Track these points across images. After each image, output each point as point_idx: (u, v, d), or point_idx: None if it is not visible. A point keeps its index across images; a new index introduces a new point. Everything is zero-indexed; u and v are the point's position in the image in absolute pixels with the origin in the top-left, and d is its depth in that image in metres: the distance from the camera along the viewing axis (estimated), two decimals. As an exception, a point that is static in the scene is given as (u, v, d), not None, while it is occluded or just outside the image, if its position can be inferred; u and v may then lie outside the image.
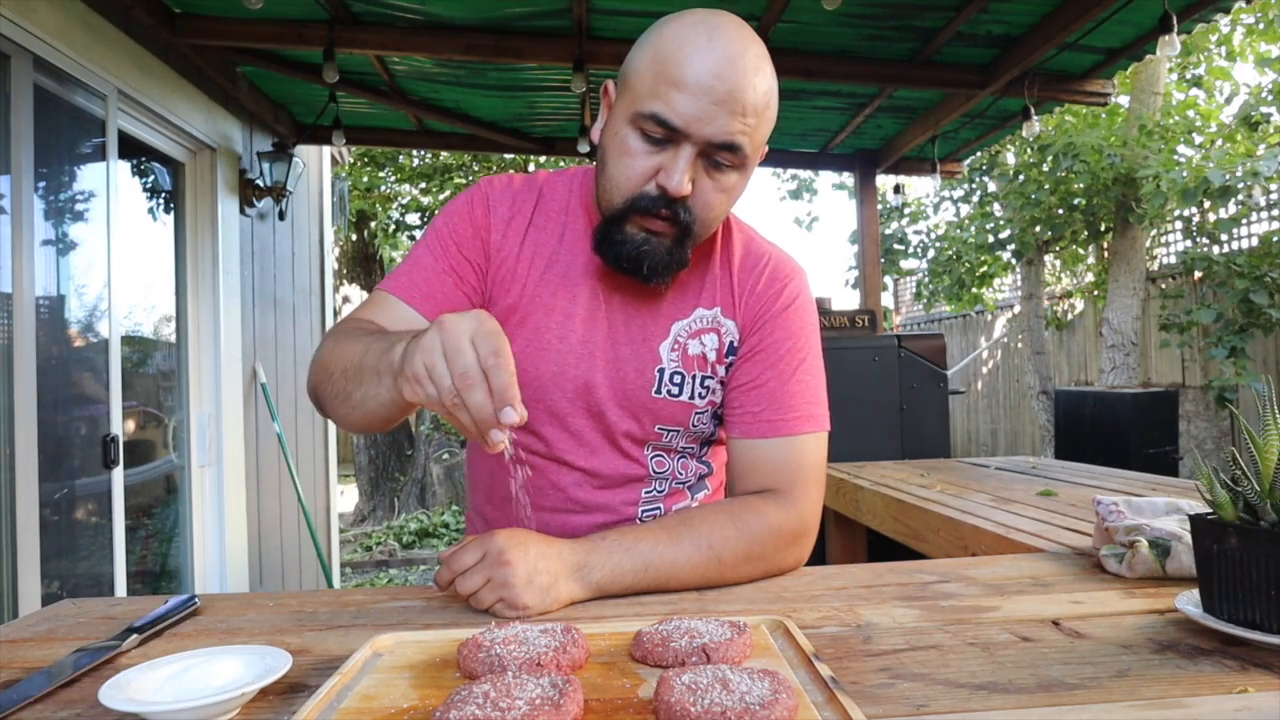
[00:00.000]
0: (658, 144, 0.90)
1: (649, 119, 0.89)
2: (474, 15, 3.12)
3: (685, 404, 1.04)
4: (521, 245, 1.04)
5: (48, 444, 2.36)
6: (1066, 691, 0.61)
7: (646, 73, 0.90)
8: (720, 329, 1.05)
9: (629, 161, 0.92)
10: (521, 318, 1.02)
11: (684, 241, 0.95)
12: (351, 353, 0.85)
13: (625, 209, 0.93)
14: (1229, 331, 4.85)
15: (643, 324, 1.03)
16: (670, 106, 0.87)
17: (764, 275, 1.06)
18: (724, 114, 0.87)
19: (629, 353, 1.02)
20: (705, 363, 1.04)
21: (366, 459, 8.03)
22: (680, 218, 0.92)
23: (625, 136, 0.92)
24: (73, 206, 2.71)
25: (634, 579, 0.88)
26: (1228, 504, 0.73)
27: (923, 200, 9.06)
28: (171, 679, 0.62)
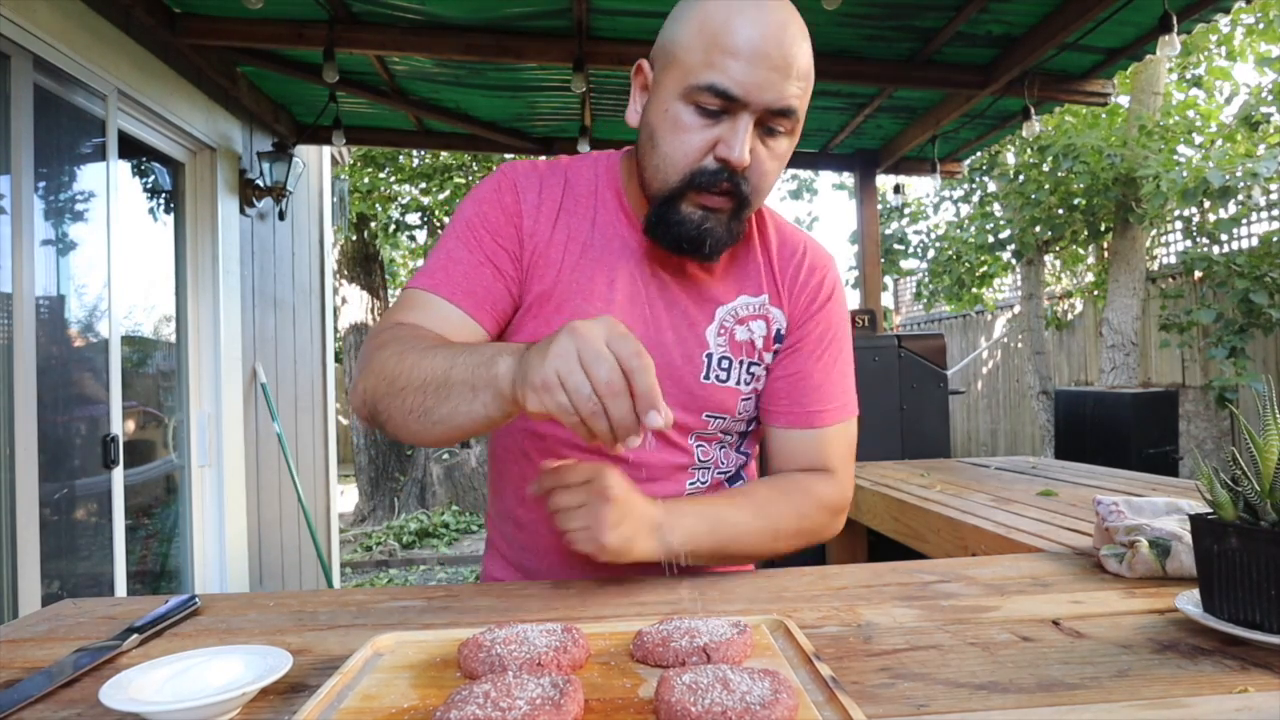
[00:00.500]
0: (713, 116, 0.89)
1: (705, 90, 0.87)
2: (474, 15, 3.12)
3: (732, 390, 1.03)
4: (554, 229, 1.01)
5: (48, 444, 2.36)
6: (1066, 691, 0.61)
7: (695, 45, 0.88)
8: (769, 317, 1.05)
9: (685, 137, 0.90)
10: (558, 304, 0.99)
11: (740, 214, 0.95)
12: (429, 366, 0.80)
13: (683, 186, 0.91)
14: (1229, 331, 4.85)
15: (685, 310, 1.01)
16: (728, 75, 0.86)
17: (804, 265, 1.07)
18: (780, 79, 0.87)
19: (673, 338, 1.01)
20: (753, 349, 1.04)
21: (366, 459, 8.03)
22: (740, 190, 0.92)
23: (678, 112, 0.90)
24: (73, 206, 2.71)
25: (703, 542, 0.92)
26: (1228, 504, 0.73)
27: (923, 200, 9.07)
28: (172, 679, 0.62)
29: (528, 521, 1.07)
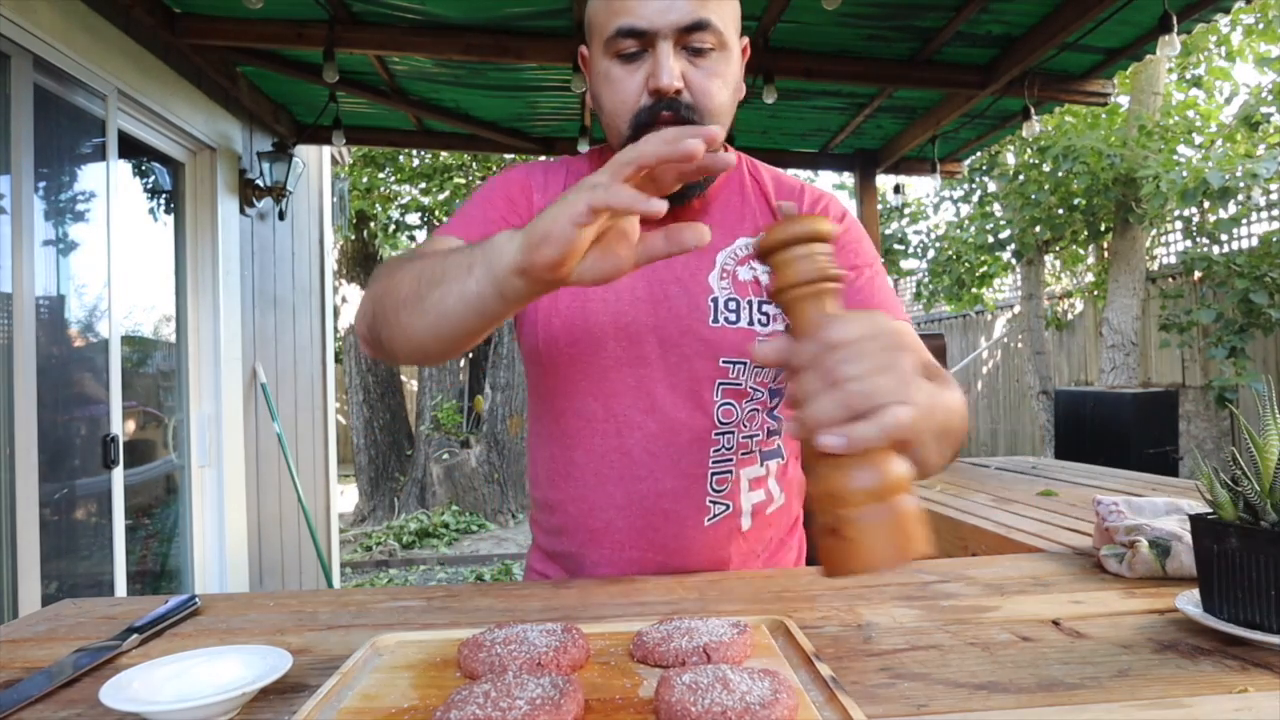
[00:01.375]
0: (635, 59, 0.93)
1: (616, 37, 0.92)
2: (474, 15, 3.12)
3: (746, 330, 1.00)
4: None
5: (48, 444, 2.36)
6: (1066, 691, 0.61)
7: (599, 7, 0.95)
8: None
9: (619, 87, 0.94)
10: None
11: None
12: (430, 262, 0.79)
13: (634, 132, 0.93)
14: (1229, 331, 4.85)
15: (685, 261, 1.01)
16: (628, 13, 0.91)
17: (806, 198, 1.08)
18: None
19: (677, 290, 1.01)
20: (759, 287, 1.02)
21: (366, 459, 8.03)
22: (683, 115, 0.92)
23: (606, 69, 0.95)
24: (73, 206, 2.71)
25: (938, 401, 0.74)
26: (1228, 504, 0.73)
27: (923, 200, 9.07)
28: (172, 679, 0.63)
29: (557, 502, 1.08)
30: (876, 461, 0.57)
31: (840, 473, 0.57)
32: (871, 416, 0.55)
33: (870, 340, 0.56)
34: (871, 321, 0.58)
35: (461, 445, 7.91)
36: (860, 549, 0.57)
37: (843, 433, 0.55)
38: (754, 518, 1.05)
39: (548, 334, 1.02)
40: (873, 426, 0.55)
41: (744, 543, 1.05)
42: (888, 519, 0.57)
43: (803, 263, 0.59)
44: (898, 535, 0.57)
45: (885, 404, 0.55)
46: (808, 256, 0.60)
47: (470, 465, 7.67)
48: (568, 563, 1.09)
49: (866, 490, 0.57)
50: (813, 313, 0.60)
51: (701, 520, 1.02)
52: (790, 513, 1.13)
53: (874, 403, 0.55)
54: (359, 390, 8.16)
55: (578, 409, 1.03)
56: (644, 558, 1.03)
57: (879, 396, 0.55)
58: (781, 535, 1.12)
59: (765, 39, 3.32)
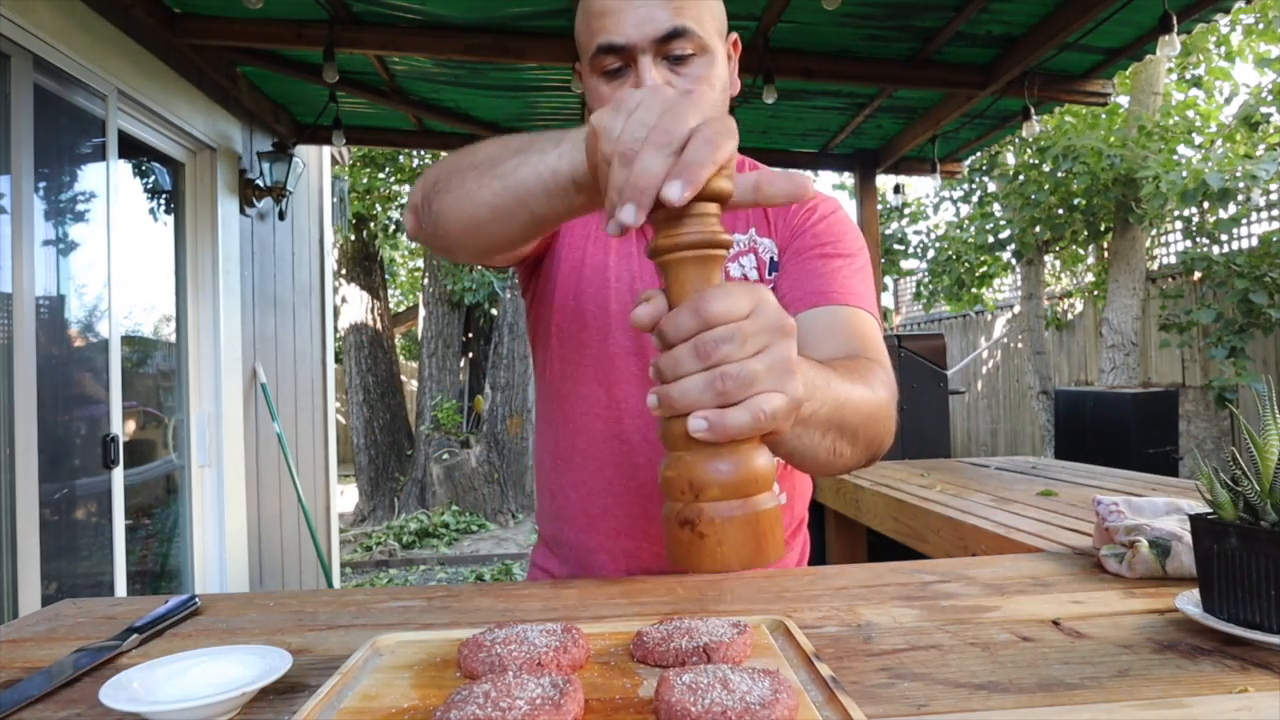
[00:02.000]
0: (620, 74, 0.95)
1: (599, 54, 0.94)
2: (474, 15, 3.12)
3: None
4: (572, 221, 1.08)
5: (48, 444, 2.36)
6: (1066, 691, 0.61)
7: (582, 27, 0.98)
8: (757, 248, 1.05)
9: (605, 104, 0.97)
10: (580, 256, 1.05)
11: None
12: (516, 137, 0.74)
13: None
14: (1229, 331, 4.85)
15: None
16: (608, 32, 0.93)
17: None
18: (654, 9, 0.91)
19: None
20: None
21: (366, 459, 8.03)
22: None
23: (595, 87, 0.97)
24: (73, 206, 2.71)
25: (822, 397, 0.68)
26: (1228, 504, 0.73)
27: (923, 200, 9.07)
28: (172, 679, 0.63)
29: (559, 488, 1.10)
30: (741, 452, 0.53)
31: (702, 461, 0.53)
32: (744, 404, 0.51)
33: (753, 320, 0.52)
34: (756, 297, 0.54)
35: (461, 445, 7.91)
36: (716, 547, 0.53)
37: (711, 418, 0.51)
38: None
39: (561, 317, 1.06)
40: (744, 414, 0.51)
41: None
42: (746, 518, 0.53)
43: (693, 221, 0.53)
44: (755, 536, 0.53)
45: (760, 391, 0.52)
46: (699, 216, 0.53)
47: (470, 465, 7.67)
48: (567, 551, 1.11)
49: (728, 483, 0.53)
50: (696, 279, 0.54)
51: None
52: (793, 514, 1.13)
53: (748, 389, 0.51)
54: (359, 390, 8.16)
55: (582, 393, 1.05)
56: (639, 547, 1.04)
57: (754, 383, 0.51)
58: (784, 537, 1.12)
59: (765, 39, 3.32)
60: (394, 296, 13.20)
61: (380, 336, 8.33)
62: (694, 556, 0.54)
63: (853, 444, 0.78)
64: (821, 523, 3.34)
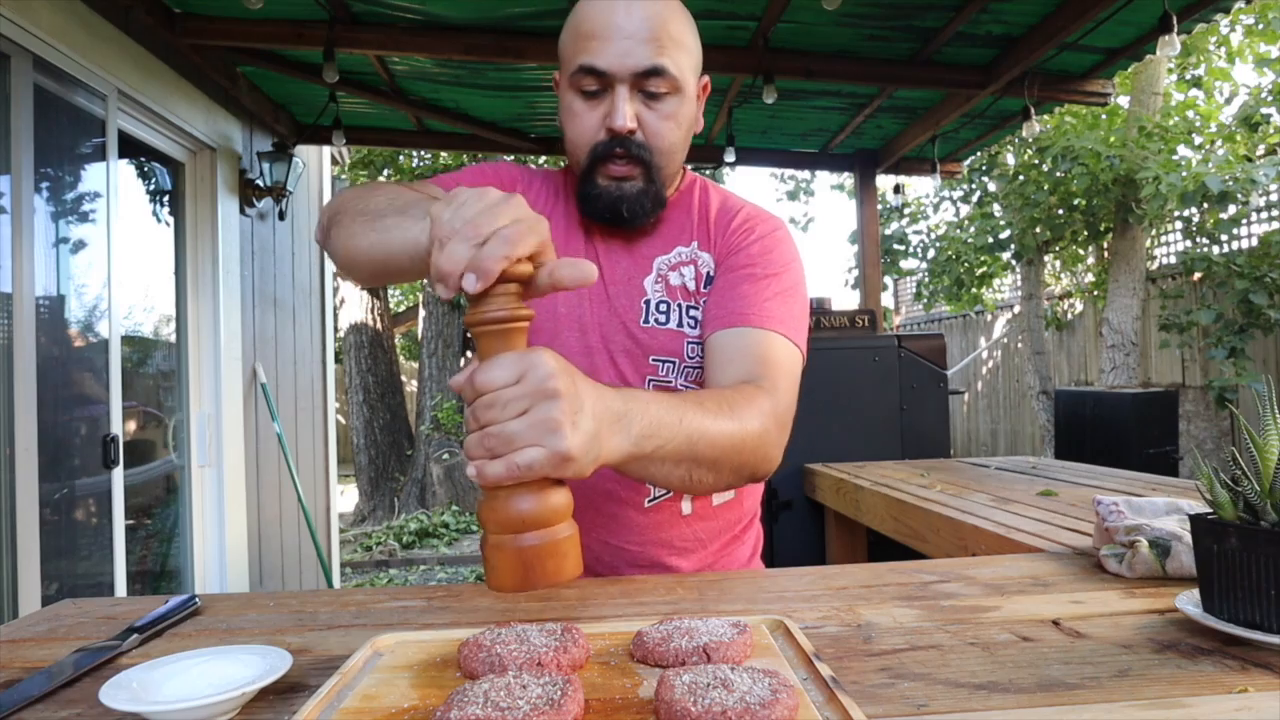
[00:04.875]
0: (596, 96, 1.00)
1: (579, 73, 0.99)
2: (474, 15, 3.12)
3: (675, 332, 1.07)
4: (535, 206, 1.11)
5: (48, 444, 2.36)
6: (1066, 691, 0.61)
7: (569, 40, 1.02)
8: (697, 260, 1.10)
9: (579, 120, 1.02)
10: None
11: (651, 177, 1.03)
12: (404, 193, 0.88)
13: (590, 162, 1.03)
14: (1229, 332, 4.85)
15: (627, 266, 1.10)
16: (591, 54, 0.98)
17: (738, 216, 1.13)
18: (637, 44, 0.97)
19: (617, 290, 1.09)
20: (688, 293, 1.09)
21: (366, 459, 8.03)
22: (635, 153, 1.01)
23: (570, 102, 1.03)
24: (73, 206, 2.71)
25: (670, 434, 0.77)
26: (1228, 504, 0.73)
27: (923, 200, 9.06)
28: (172, 679, 0.63)
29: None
30: (519, 495, 0.63)
31: (489, 501, 0.64)
32: (502, 458, 0.61)
33: (519, 386, 0.62)
34: (525, 365, 0.62)
35: (461, 445, 7.90)
36: (495, 573, 0.64)
37: (478, 468, 0.62)
38: (694, 503, 1.09)
39: None
40: (499, 466, 0.62)
41: (686, 528, 1.09)
42: (509, 550, 0.63)
43: (493, 300, 0.63)
44: (521, 566, 0.63)
45: (518, 447, 0.61)
46: (500, 296, 0.63)
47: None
48: None
49: (500, 520, 0.63)
50: (497, 347, 0.64)
51: (642, 501, 1.07)
52: (741, 508, 1.15)
53: (509, 446, 0.61)
54: (359, 390, 8.16)
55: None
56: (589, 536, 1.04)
57: (513, 441, 0.61)
58: (735, 531, 1.15)
59: (765, 39, 3.32)
60: (394, 296, 13.21)
61: (380, 336, 8.34)
62: (488, 581, 0.66)
63: (714, 472, 0.86)
64: (821, 523, 3.34)
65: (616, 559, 1.07)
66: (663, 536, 1.08)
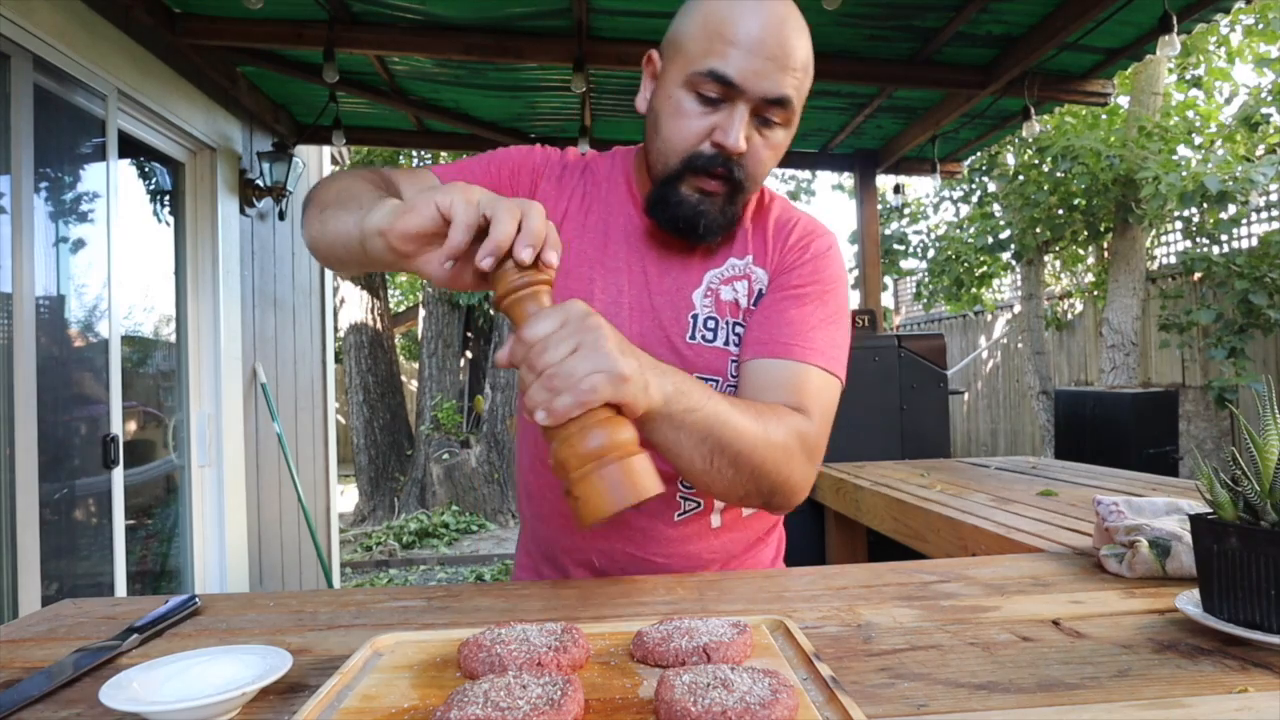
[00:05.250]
0: (712, 104, 0.93)
1: (705, 77, 0.92)
2: (474, 15, 3.12)
3: (721, 350, 1.03)
4: (569, 200, 1.08)
5: (48, 444, 2.36)
6: (1066, 691, 0.61)
7: (699, 34, 0.93)
8: (751, 276, 1.06)
9: (685, 122, 0.95)
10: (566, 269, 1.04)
11: (735, 199, 0.99)
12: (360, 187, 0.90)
13: (681, 169, 0.96)
14: (1228, 332, 4.85)
15: (675, 276, 1.04)
16: (727, 62, 0.91)
17: (795, 229, 1.08)
18: (776, 69, 0.91)
19: (663, 301, 1.03)
20: (737, 309, 1.04)
21: (366, 459, 8.03)
22: (734, 175, 0.96)
23: (679, 99, 0.95)
24: (73, 206, 2.71)
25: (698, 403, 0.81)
26: (1228, 504, 0.73)
27: (923, 200, 9.07)
28: (172, 679, 0.63)
29: (536, 489, 1.10)
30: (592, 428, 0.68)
31: (564, 444, 0.68)
32: (569, 389, 0.67)
33: (561, 329, 0.69)
34: (563, 312, 0.70)
35: (461, 445, 7.91)
36: (586, 502, 0.67)
37: (546, 407, 0.68)
38: (724, 516, 1.07)
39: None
40: (567, 397, 0.67)
41: (715, 540, 1.07)
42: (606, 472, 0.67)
43: (509, 273, 0.70)
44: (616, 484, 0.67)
45: (579, 376, 0.67)
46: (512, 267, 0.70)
47: (470, 465, 7.67)
48: (547, 548, 1.11)
49: (584, 454, 0.67)
50: (519, 314, 0.71)
51: (671, 515, 1.04)
52: (767, 518, 1.14)
53: (570, 378, 0.67)
54: (359, 390, 8.16)
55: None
56: (614, 548, 1.05)
57: (574, 373, 0.67)
58: (759, 535, 1.13)
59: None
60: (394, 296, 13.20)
61: (380, 336, 8.33)
62: (580, 516, 0.68)
63: (734, 468, 0.86)
64: (821, 523, 3.34)
65: (642, 571, 1.05)
66: (691, 550, 1.05)
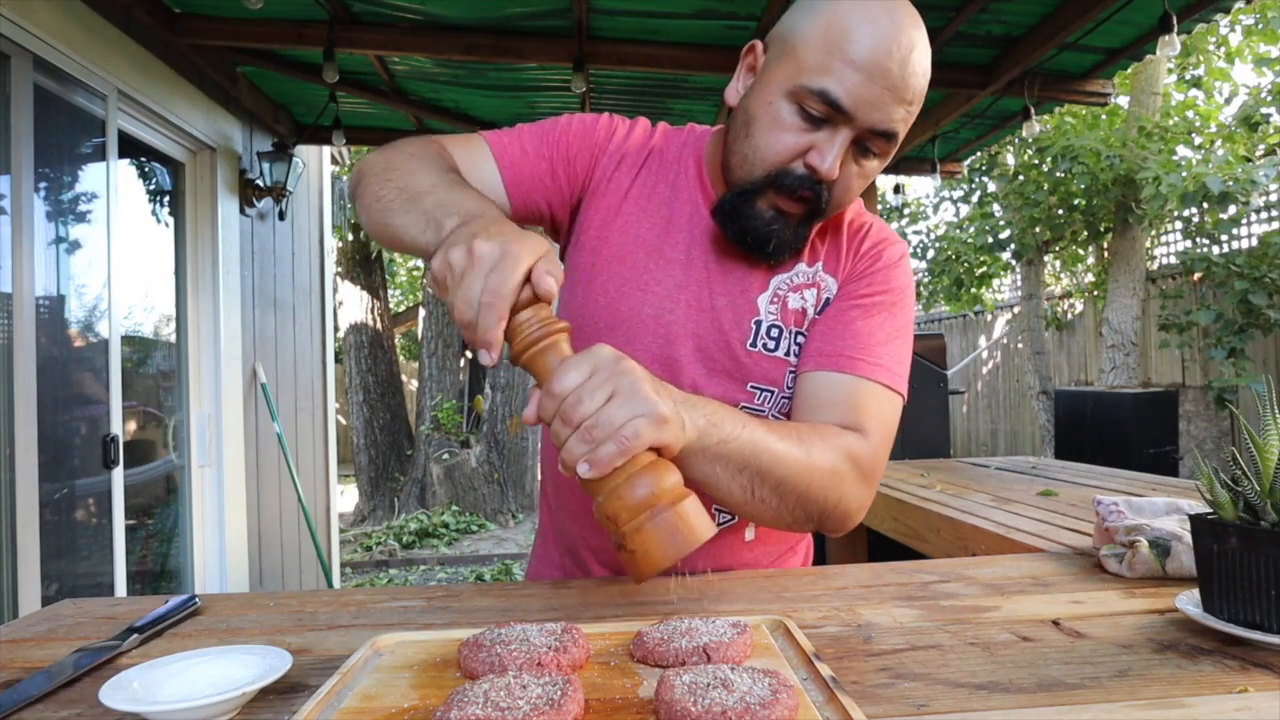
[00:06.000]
0: (815, 122, 0.86)
1: (815, 95, 0.84)
2: (474, 15, 3.12)
3: (781, 360, 0.97)
4: (633, 181, 1.01)
5: (48, 444, 2.36)
6: (1066, 691, 0.61)
7: (817, 44, 0.85)
8: (820, 284, 1.00)
9: (781, 136, 0.87)
10: (621, 253, 0.99)
11: (811, 222, 0.93)
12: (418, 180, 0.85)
13: (765, 183, 0.89)
14: (1228, 332, 4.85)
15: (740, 276, 0.98)
16: (842, 85, 0.83)
17: (868, 236, 1.03)
18: (892, 100, 0.85)
19: (725, 302, 0.97)
20: (803, 318, 0.98)
21: (366, 459, 8.03)
22: (819, 200, 0.89)
23: (780, 108, 0.87)
24: (73, 206, 2.71)
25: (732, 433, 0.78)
26: (1228, 504, 0.73)
27: (923, 200, 9.07)
28: (171, 679, 0.63)
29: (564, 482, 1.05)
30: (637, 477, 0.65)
31: (611, 497, 0.65)
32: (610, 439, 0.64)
33: (593, 377, 0.66)
34: (591, 359, 0.67)
35: (461, 445, 7.91)
36: (645, 556, 0.64)
37: (589, 459, 0.65)
38: (759, 530, 1.05)
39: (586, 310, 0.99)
40: (611, 446, 0.64)
41: (748, 553, 1.05)
42: (660, 521, 0.64)
43: (524, 326, 0.67)
44: (671, 534, 0.64)
45: (620, 423, 0.64)
46: (526, 320, 0.67)
47: (470, 465, 7.67)
48: (570, 543, 1.08)
49: (634, 505, 0.64)
50: (541, 368, 0.68)
51: None
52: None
53: (611, 426, 0.65)
54: (359, 390, 8.16)
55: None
56: None
57: (614, 422, 0.65)
58: (790, 545, 1.11)
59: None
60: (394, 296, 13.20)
61: (380, 336, 8.33)
62: (634, 570, 0.66)
63: (778, 495, 0.83)
64: (821, 523, 3.33)
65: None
66: (724, 563, 1.02)
